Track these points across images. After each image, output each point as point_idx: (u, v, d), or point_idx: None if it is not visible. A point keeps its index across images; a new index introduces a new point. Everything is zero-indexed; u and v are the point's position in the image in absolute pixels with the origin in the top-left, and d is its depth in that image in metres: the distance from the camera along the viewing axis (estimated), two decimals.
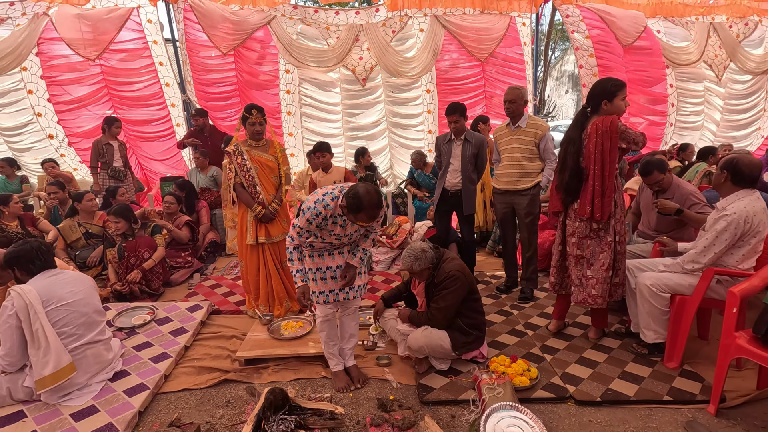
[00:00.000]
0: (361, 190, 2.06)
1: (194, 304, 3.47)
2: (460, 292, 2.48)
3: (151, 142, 5.82)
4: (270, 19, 5.50)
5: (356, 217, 2.10)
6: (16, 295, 2.24)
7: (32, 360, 2.26)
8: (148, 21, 5.50)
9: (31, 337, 2.24)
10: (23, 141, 5.69)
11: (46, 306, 2.28)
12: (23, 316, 2.22)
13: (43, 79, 5.36)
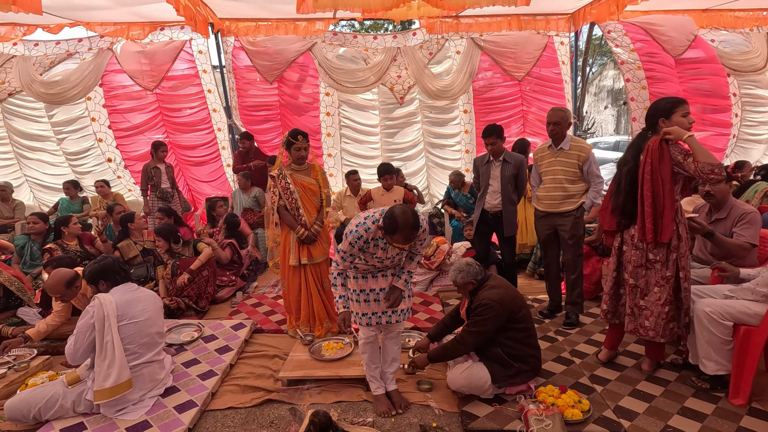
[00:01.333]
0: (397, 211, 2.08)
1: (238, 323, 3.57)
2: (493, 322, 2.42)
3: (199, 165, 6.12)
4: (311, 46, 5.74)
5: (392, 238, 2.12)
6: (98, 304, 2.36)
7: (96, 370, 2.38)
8: (199, 52, 5.86)
9: (101, 347, 2.35)
10: (85, 164, 6.15)
11: (119, 321, 2.40)
12: (99, 326, 2.34)
13: (105, 108, 5.81)
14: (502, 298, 2.45)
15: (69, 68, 5.81)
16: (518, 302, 2.51)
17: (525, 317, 2.50)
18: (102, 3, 4.81)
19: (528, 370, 2.48)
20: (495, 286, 2.55)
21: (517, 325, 2.47)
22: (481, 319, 2.43)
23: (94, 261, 2.62)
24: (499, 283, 2.60)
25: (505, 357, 2.45)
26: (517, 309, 2.47)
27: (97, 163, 6.15)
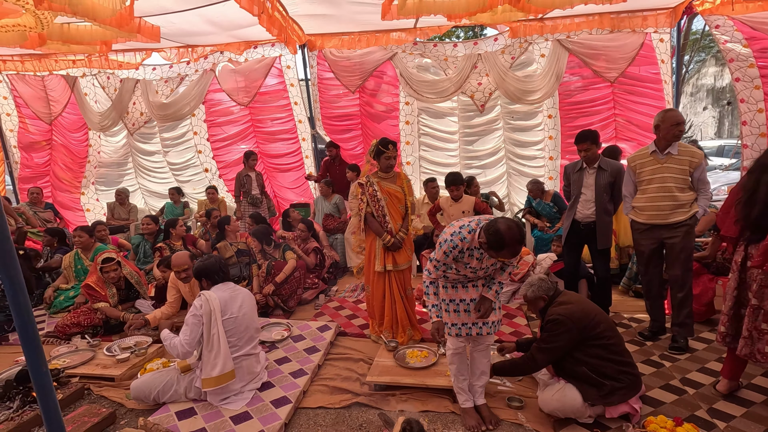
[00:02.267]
0: (503, 227, 2.01)
1: (323, 324, 3.71)
2: (565, 339, 2.29)
3: (285, 173, 6.50)
4: (392, 56, 5.86)
5: (498, 253, 2.06)
6: (204, 300, 2.60)
7: (204, 360, 2.61)
8: (287, 67, 6.25)
9: (208, 339, 2.59)
10: (186, 174, 6.83)
11: (222, 316, 2.62)
12: (206, 320, 2.58)
13: (205, 123, 6.41)
14: (572, 313, 2.32)
15: (179, 91, 6.50)
16: (594, 317, 2.34)
17: (606, 332, 2.33)
18: (208, 29, 5.33)
19: (623, 387, 2.28)
20: (565, 301, 2.44)
21: (598, 341, 2.30)
22: (551, 335, 2.34)
23: (201, 259, 2.88)
24: (571, 298, 2.47)
25: (593, 375, 2.29)
26: (592, 324, 2.31)
27: (195, 173, 6.81)
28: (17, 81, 6.71)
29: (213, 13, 4.80)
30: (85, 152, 6.86)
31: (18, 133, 6.86)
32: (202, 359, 2.65)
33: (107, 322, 3.74)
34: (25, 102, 6.77)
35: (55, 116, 6.77)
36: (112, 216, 6.55)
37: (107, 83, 6.52)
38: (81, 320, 3.69)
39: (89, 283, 3.70)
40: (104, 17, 4.13)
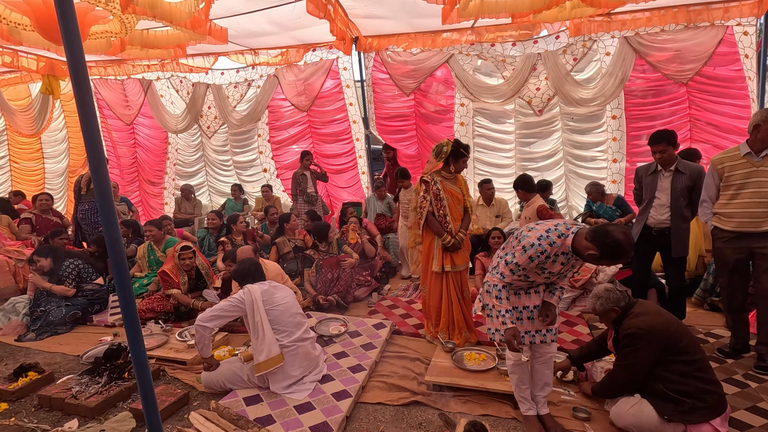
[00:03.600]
0: (620, 235, 1.86)
1: (379, 322, 3.74)
2: (646, 353, 2.17)
3: (339, 173, 6.65)
4: (448, 58, 5.81)
5: (611, 261, 1.94)
6: (247, 291, 2.81)
7: (253, 347, 2.78)
8: (344, 69, 6.39)
9: (253, 327, 2.76)
10: (248, 173, 7.17)
11: (265, 306, 2.79)
12: (248, 309, 2.76)
13: (268, 125, 6.71)
14: (652, 325, 2.19)
15: (249, 97, 6.84)
16: (675, 330, 2.19)
17: (690, 347, 2.17)
18: (270, 29, 5.55)
19: (704, 408, 2.12)
20: (643, 312, 2.29)
21: (679, 356, 2.16)
22: (631, 350, 2.22)
23: (239, 263, 3.12)
24: (648, 309, 2.32)
25: (671, 393, 2.14)
26: (675, 338, 2.16)
27: (255, 172, 7.13)
28: (100, 85, 7.33)
29: (277, 14, 5.00)
30: (164, 149, 7.37)
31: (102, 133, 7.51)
32: (252, 347, 2.79)
33: (177, 309, 4.00)
34: (107, 104, 7.38)
35: (132, 118, 7.32)
36: (179, 210, 6.99)
37: (180, 86, 6.97)
38: (155, 306, 3.97)
39: (165, 269, 3.97)
40: (180, 20, 4.41)
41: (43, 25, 4.11)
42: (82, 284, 4.18)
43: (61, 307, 3.93)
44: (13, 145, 8.14)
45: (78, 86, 1.43)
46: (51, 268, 4.09)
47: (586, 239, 1.94)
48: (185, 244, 4.04)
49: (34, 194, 6.65)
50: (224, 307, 2.80)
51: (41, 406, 2.74)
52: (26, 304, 4.10)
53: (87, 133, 1.46)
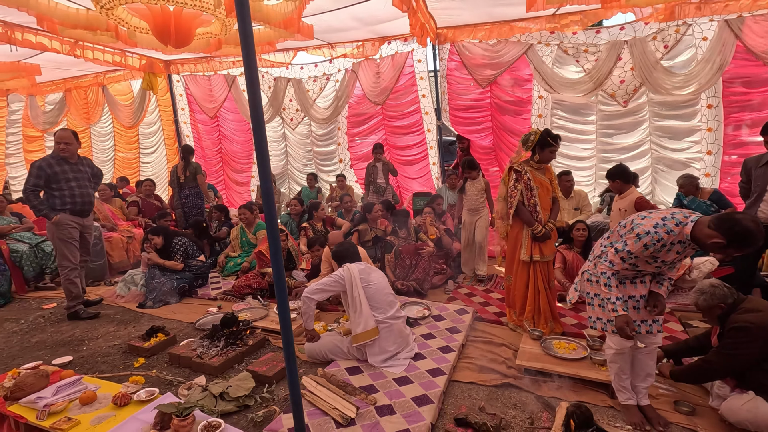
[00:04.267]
0: (749, 223, 1.82)
1: (460, 308, 3.86)
2: (748, 347, 2.13)
3: (410, 164, 6.79)
4: (526, 49, 5.72)
5: (738, 251, 1.90)
6: (346, 269, 3.07)
7: (351, 321, 3.02)
8: (418, 61, 6.48)
9: (352, 301, 3.00)
10: (326, 163, 7.50)
11: (362, 283, 3.02)
12: (348, 285, 3.01)
13: (346, 119, 6.99)
14: (762, 321, 2.13)
15: (326, 94, 7.16)
16: None
17: None
18: (351, 24, 5.76)
19: None
20: (753, 308, 2.23)
21: None
22: (733, 342, 2.19)
23: (339, 245, 3.38)
24: (759, 305, 2.26)
25: None
26: None
27: (332, 161, 7.45)
28: (190, 81, 7.98)
29: (360, 9, 5.18)
30: (248, 140, 7.92)
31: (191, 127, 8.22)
32: (351, 321, 3.02)
33: (272, 286, 4.35)
34: (195, 99, 8.02)
35: (216, 111, 7.91)
36: (259, 197, 7.48)
37: (262, 81, 7.42)
38: (251, 283, 4.36)
39: (261, 250, 4.34)
40: (275, 21, 4.73)
41: (159, 28, 4.58)
42: (188, 260, 4.66)
43: (172, 280, 4.43)
44: (117, 136, 9.11)
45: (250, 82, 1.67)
46: (163, 245, 4.59)
47: (709, 227, 1.91)
48: (279, 227, 4.38)
49: (137, 180, 7.42)
50: (327, 282, 3.04)
51: (171, 362, 3.15)
52: (142, 276, 4.64)
53: (255, 122, 1.70)
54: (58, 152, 3.85)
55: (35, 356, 3.34)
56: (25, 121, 9.48)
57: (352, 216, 5.97)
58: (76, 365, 3.16)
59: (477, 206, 4.70)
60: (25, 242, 5.09)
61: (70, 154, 3.91)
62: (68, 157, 3.91)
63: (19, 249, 4.96)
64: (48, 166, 3.78)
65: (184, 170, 6.12)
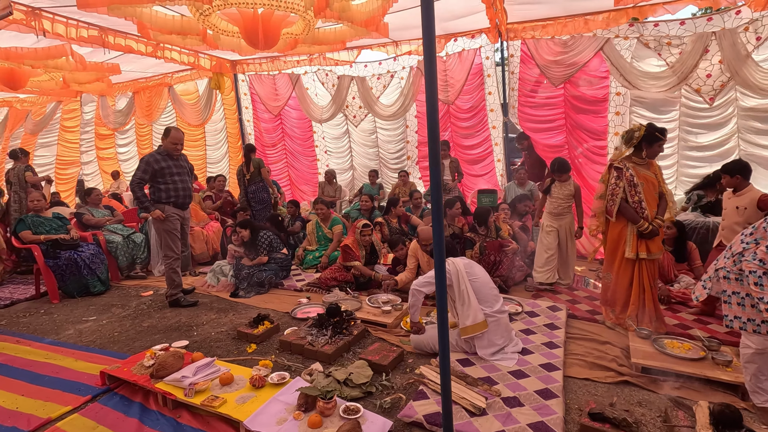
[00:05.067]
0: None
1: (552, 305, 3.85)
2: None
3: (475, 163, 6.79)
4: (603, 44, 5.58)
5: None
6: (451, 262, 3.10)
7: (458, 313, 3.06)
8: (486, 57, 6.46)
9: (459, 294, 3.04)
10: (392, 159, 7.61)
11: (469, 277, 3.06)
12: (454, 278, 3.05)
13: (416, 117, 7.10)
14: None
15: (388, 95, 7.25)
16: None
17: None
18: (437, 24, 5.79)
19: None
20: None
21: None
22: None
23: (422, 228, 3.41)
24: None
25: None
26: None
27: (399, 158, 7.54)
28: (255, 80, 8.24)
29: (436, 5, 5.19)
30: (310, 136, 8.12)
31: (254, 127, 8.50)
32: (458, 314, 3.07)
33: (357, 279, 4.46)
34: (260, 98, 8.27)
35: (280, 109, 8.13)
36: (322, 193, 7.66)
37: (326, 79, 7.58)
38: (337, 276, 4.48)
39: (348, 243, 4.46)
40: (359, 20, 4.82)
41: (248, 31, 4.74)
42: (273, 253, 4.84)
43: (261, 271, 4.61)
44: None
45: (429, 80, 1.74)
46: (249, 238, 4.79)
47: None
48: (365, 222, 4.48)
49: (207, 176, 7.73)
50: (434, 275, 3.09)
51: (282, 349, 3.29)
52: (230, 267, 4.86)
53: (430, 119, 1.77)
54: (172, 151, 4.10)
55: (152, 339, 3.57)
56: (96, 120, 10.04)
57: (421, 212, 6.03)
58: (193, 349, 3.35)
59: (562, 210, 4.44)
60: (118, 233, 5.42)
61: (178, 153, 4.17)
62: (173, 153, 4.14)
63: (114, 240, 5.29)
64: (155, 162, 4.02)
65: (247, 167, 6.34)
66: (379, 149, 7.72)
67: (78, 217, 5.42)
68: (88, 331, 3.83)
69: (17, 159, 6.47)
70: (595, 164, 5.75)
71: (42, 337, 3.71)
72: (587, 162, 5.80)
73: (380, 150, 7.72)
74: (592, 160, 5.76)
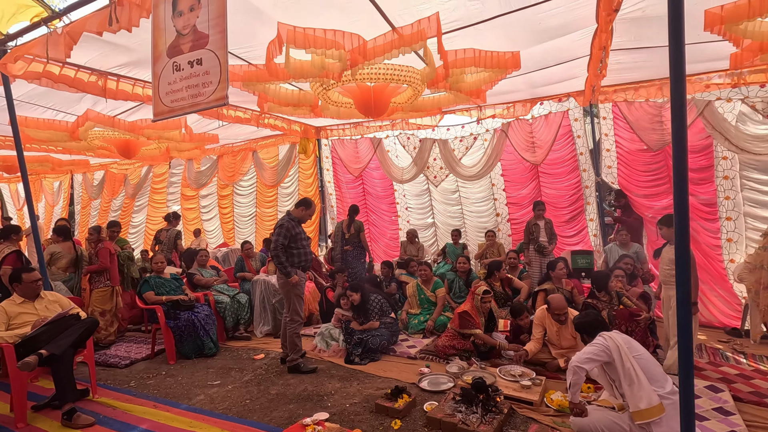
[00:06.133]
0: None
1: (709, 384, 3.53)
2: None
3: (566, 223, 6.66)
4: (703, 108, 5.51)
5: None
6: (608, 337, 2.91)
7: (627, 395, 2.81)
8: (575, 120, 6.54)
9: (625, 374, 2.80)
10: (477, 217, 7.62)
11: (632, 353, 2.83)
12: (616, 355, 2.83)
13: (502, 176, 7.22)
14: None
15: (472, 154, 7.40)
16: None
17: None
18: (518, 88, 5.96)
19: None
20: None
21: None
22: None
23: (584, 314, 3.31)
24: None
25: None
26: None
27: (483, 215, 7.54)
28: (337, 144, 8.68)
29: (541, 73, 5.34)
30: (391, 194, 8.33)
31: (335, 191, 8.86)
32: (625, 396, 2.83)
33: (477, 348, 4.30)
34: (341, 160, 8.66)
35: (361, 171, 8.45)
36: (404, 252, 7.67)
37: (407, 142, 7.88)
38: (455, 344, 4.34)
39: (466, 310, 4.35)
40: (465, 90, 5.03)
41: (361, 102, 5.05)
42: (383, 318, 4.79)
43: (375, 336, 4.54)
44: (258, 194, 10.00)
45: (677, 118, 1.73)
46: (360, 302, 4.78)
47: None
48: (485, 288, 4.39)
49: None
50: (594, 351, 2.91)
51: (430, 426, 3.14)
52: (339, 331, 4.83)
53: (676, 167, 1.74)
54: (304, 217, 4.29)
55: (288, 410, 3.51)
56: (183, 181, 10.77)
57: (519, 273, 5.88)
58: (333, 422, 3.25)
59: (667, 279, 4.04)
60: (225, 294, 5.58)
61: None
62: (303, 221, 4.33)
63: (223, 300, 5.44)
64: (292, 228, 4.20)
65: (348, 227, 6.49)
66: (462, 207, 7.76)
67: (189, 277, 5.64)
68: (218, 397, 3.83)
69: (170, 222, 7.11)
70: (707, 230, 5.51)
71: (177, 402, 3.74)
72: (700, 229, 5.54)
73: (463, 207, 7.76)
74: (704, 227, 5.53)
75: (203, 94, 2.54)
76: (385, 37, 3.77)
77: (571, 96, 6.36)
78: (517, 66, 4.40)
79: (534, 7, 3.56)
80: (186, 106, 2.60)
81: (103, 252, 5.32)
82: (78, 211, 12.12)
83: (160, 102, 2.69)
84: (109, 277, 5.39)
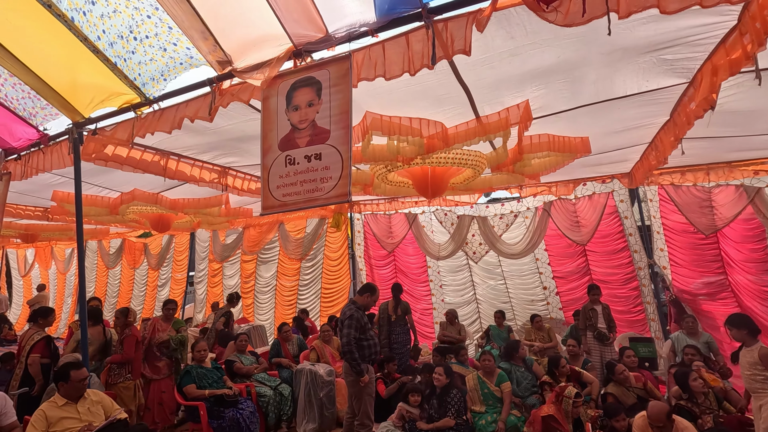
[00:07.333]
0: None
1: None
2: None
3: (622, 307, 6.38)
4: (754, 195, 5.49)
5: None
6: None
7: None
8: (620, 201, 6.52)
9: None
10: (519, 280, 7.31)
11: None
12: None
13: (546, 251, 7.04)
14: None
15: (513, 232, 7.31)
16: None
17: None
18: (568, 169, 5.96)
19: None
20: None
21: None
22: None
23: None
24: None
25: None
26: None
27: (532, 288, 7.23)
28: (370, 219, 8.58)
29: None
30: (424, 270, 8.05)
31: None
32: None
33: None
34: (375, 235, 8.51)
35: (394, 247, 8.27)
36: (443, 334, 7.23)
37: (444, 219, 7.79)
38: None
39: (552, 414, 3.92)
40: (530, 173, 5.01)
41: (419, 183, 5.01)
42: (459, 417, 4.32)
43: None
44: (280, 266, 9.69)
45: None
46: (442, 389, 4.33)
47: None
48: (576, 391, 4.00)
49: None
50: None
51: None
52: (399, 430, 4.32)
53: None
54: (369, 304, 3.99)
55: None
56: (210, 255, 10.47)
57: (583, 364, 5.44)
58: None
59: (752, 386, 3.54)
60: (266, 384, 5.09)
61: None
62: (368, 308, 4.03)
63: (266, 393, 4.94)
64: (360, 318, 3.89)
65: (395, 309, 6.15)
66: (506, 280, 7.48)
67: (228, 366, 5.18)
68: None
69: (232, 303, 7.09)
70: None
71: None
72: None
73: (507, 281, 7.48)
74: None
75: (322, 189, 2.40)
76: (468, 124, 3.79)
77: (616, 178, 6.39)
78: (587, 151, 4.41)
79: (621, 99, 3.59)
80: (301, 201, 2.46)
81: (130, 340, 4.73)
82: (94, 278, 11.64)
83: (270, 195, 2.54)
84: (131, 369, 4.76)
